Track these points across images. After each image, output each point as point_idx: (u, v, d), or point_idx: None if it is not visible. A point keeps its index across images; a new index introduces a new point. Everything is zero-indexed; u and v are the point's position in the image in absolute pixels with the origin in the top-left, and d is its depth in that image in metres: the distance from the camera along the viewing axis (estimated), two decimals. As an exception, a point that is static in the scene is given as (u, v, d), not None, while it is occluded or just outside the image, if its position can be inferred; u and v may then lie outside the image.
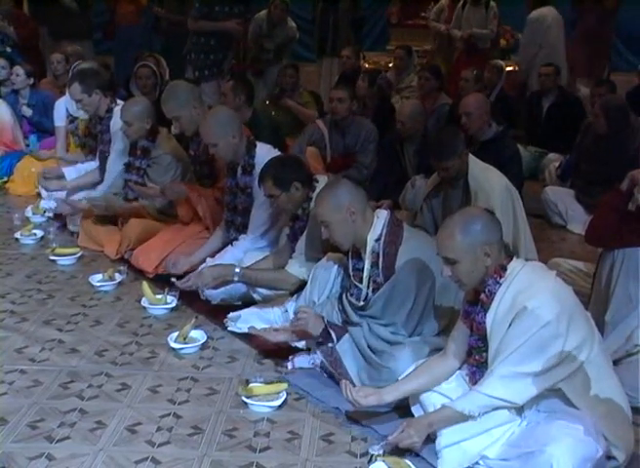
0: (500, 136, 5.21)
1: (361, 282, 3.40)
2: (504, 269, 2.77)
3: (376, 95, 7.07)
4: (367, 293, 3.38)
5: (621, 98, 6.22)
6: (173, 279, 4.18)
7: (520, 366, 2.66)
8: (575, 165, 5.99)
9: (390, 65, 9.22)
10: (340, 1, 8.94)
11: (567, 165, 6.18)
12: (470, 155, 4.39)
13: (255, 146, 4.32)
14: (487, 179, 4.30)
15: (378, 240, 3.32)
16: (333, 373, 3.36)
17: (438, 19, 9.43)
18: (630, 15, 10.89)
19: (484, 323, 2.78)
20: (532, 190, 5.98)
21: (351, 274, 3.46)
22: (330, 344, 3.36)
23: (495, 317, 2.75)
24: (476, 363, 2.87)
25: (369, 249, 3.34)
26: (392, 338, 3.31)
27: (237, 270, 3.90)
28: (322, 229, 3.39)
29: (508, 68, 10.85)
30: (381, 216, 3.36)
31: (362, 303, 3.39)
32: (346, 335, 3.35)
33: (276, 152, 4.40)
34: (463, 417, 2.74)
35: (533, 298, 2.66)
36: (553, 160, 6.72)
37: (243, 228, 4.37)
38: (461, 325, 2.95)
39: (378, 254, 3.32)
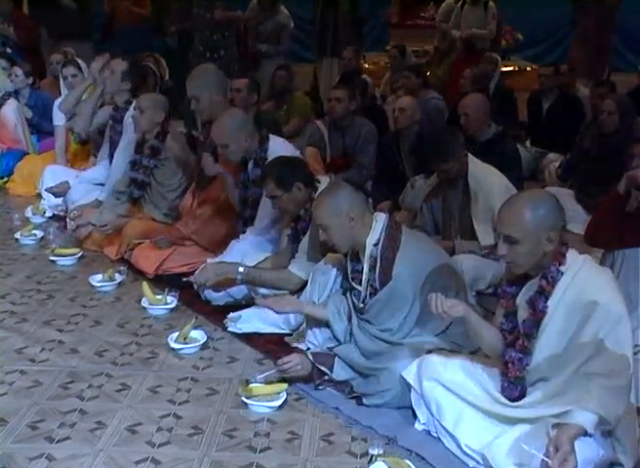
0: (500, 136, 5.21)
1: (360, 284, 3.40)
2: (564, 256, 2.73)
3: (366, 102, 7.06)
4: (365, 296, 3.38)
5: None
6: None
7: (614, 379, 2.63)
8: (574, 165, 5.99)
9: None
10: (339, 1, 8.95)
11: (567, 165, 6.18)
12: (470, 155, 4.39)
13: (267, 140, 4.35)
14: (487, 180, 4.30)
15: (376, 244, 3.31)
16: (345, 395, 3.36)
17: (447, 20, 9.43)
18: (630, 15, 10.91)
19: (545, 309, 2.72)
20: (532, 190, 5.97)
21: (350, 276, 3.46)
22: (326, 377, 3.37)
23: (558, 306, 2.70)
24: (521, 349, 2.79)
25: (367, 253, 3.33)
26: (389, 340, 3.32)
27: (241, 269, 3.88)
28: (320, 232, 3.39)
29: (508, 68, 10.91)
30: (380, 220, 3.36)
31: (362, 305, 3.40)
32: (336, 361, 3.36)
33: (289, 145, 4.46)
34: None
35: (601, 292, 2.65)
36: (553, 160, 6.72)
37: (252, 221, 4.39)
38: (499, 308, 2.91)
39: (375, 259, 3.31)
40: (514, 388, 2.83)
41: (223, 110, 4.66)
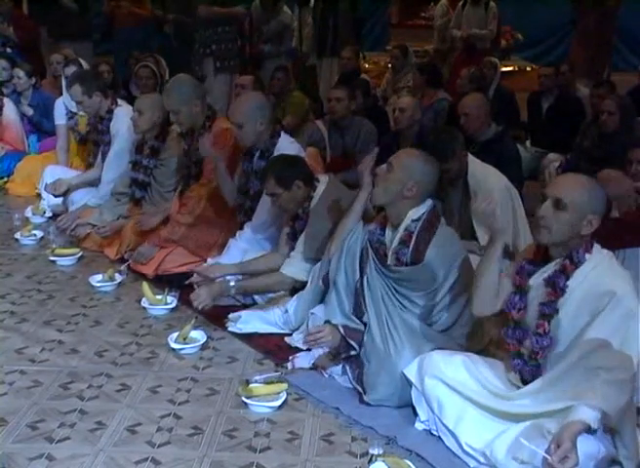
0: (500, 136, 5.21)
1: (378, 252, 3.40)
2: (592, 246, 2.79)
3: (368, 102, 7.06)
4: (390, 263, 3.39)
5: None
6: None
7: (617, 372, 2.62)
8: (575, 165, 5.99)
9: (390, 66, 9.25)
10: (339, 1, 8.95)
11: (567, 165, 6.18)
12: (470, 155, 4.39)
13: (279, 136, 4.40)
14: (486, 180, 4.30)
15: (416, 220, 3.34)
16: (350, 379, 3.37)
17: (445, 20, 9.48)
18: (630, 15, 10.93)
19: (565, 288, 2.76)
20: (532, 190, 5.97)
21: (375, 245, 3.45)
22: (353, 352, 3.38)
23: (575, 289, 2.74)
24: (544, 332, 2.81)
25: (405, 224, 3.35)
26: (401, 293, 3.35)
27: (232, 284, 3.90)
28: (385, 165, 3.37)
29: (508, 69, 10.92)
30: (427, 204, 3.39)
31: (389, 263, 3.39)
32: (364, 338, 3.37)
33: (296, 146, 4.48)
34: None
35: (620, 284, 2.69)
36: (553, 160, 6.71)
37: (252, 213, 4.41)
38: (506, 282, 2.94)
39: (411, 235, 3.33)
40: (536, 370, 2.85)
41: (203, 117, 4.70)
